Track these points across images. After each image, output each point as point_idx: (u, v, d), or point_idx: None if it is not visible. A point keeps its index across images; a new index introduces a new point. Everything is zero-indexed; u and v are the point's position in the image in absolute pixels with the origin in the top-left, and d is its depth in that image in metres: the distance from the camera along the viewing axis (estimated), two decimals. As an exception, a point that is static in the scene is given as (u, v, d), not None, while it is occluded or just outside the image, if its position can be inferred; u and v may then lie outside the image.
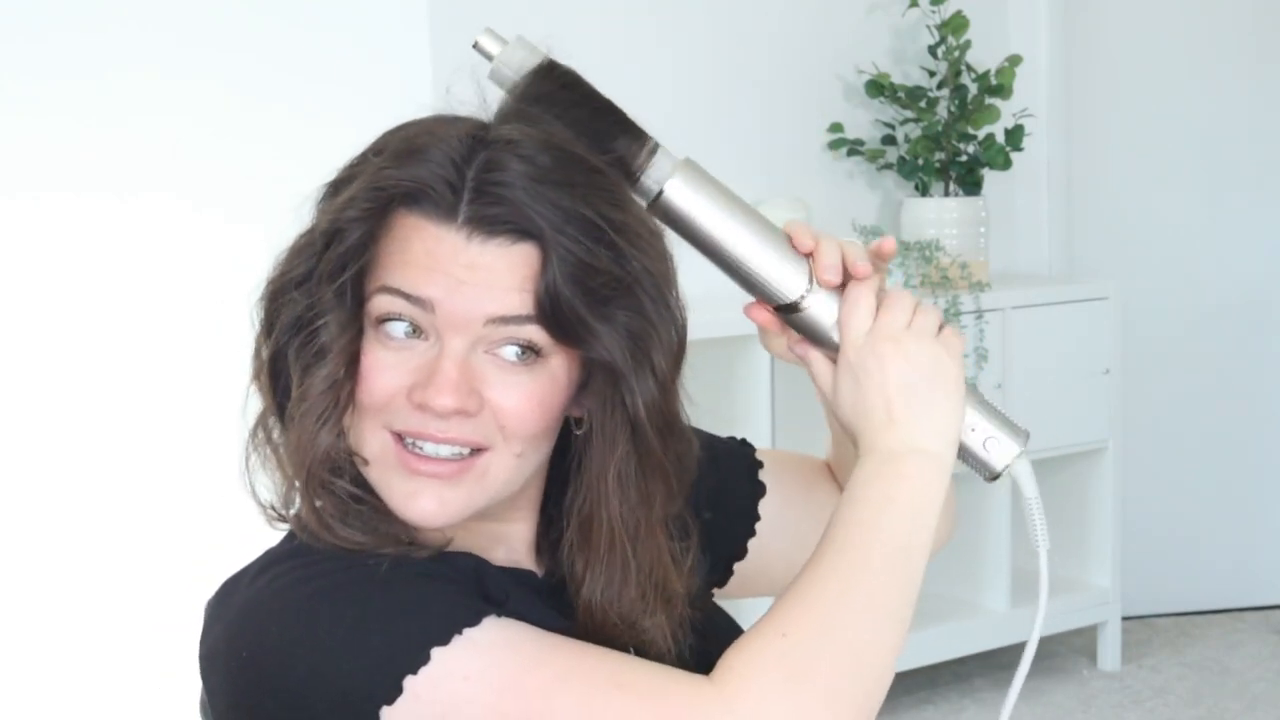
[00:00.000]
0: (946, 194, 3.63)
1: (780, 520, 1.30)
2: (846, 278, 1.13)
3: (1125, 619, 3.84)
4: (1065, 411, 3.57)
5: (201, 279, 2.90)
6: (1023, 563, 3.67)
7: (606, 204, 1.04)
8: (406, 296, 1.03)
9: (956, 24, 3.58)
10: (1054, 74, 3.91)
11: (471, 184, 1.02)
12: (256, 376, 1.10)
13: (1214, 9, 4.03)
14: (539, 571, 1.15)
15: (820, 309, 1.12)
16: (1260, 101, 4.06)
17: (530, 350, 1.04)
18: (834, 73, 3.67)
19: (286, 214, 1.09)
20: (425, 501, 1.05)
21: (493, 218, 1.02)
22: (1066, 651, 3.78)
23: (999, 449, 1.14)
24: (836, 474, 1.32)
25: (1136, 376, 3.88)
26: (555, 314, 1.03)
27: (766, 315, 1.14)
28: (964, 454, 1.14)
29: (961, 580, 3.57)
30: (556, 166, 1.03)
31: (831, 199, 3.66)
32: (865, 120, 3.70)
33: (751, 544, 1.29)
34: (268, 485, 1.10)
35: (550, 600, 1.12)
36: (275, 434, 1.09)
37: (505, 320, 1.03)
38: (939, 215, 3.55)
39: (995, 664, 3.66)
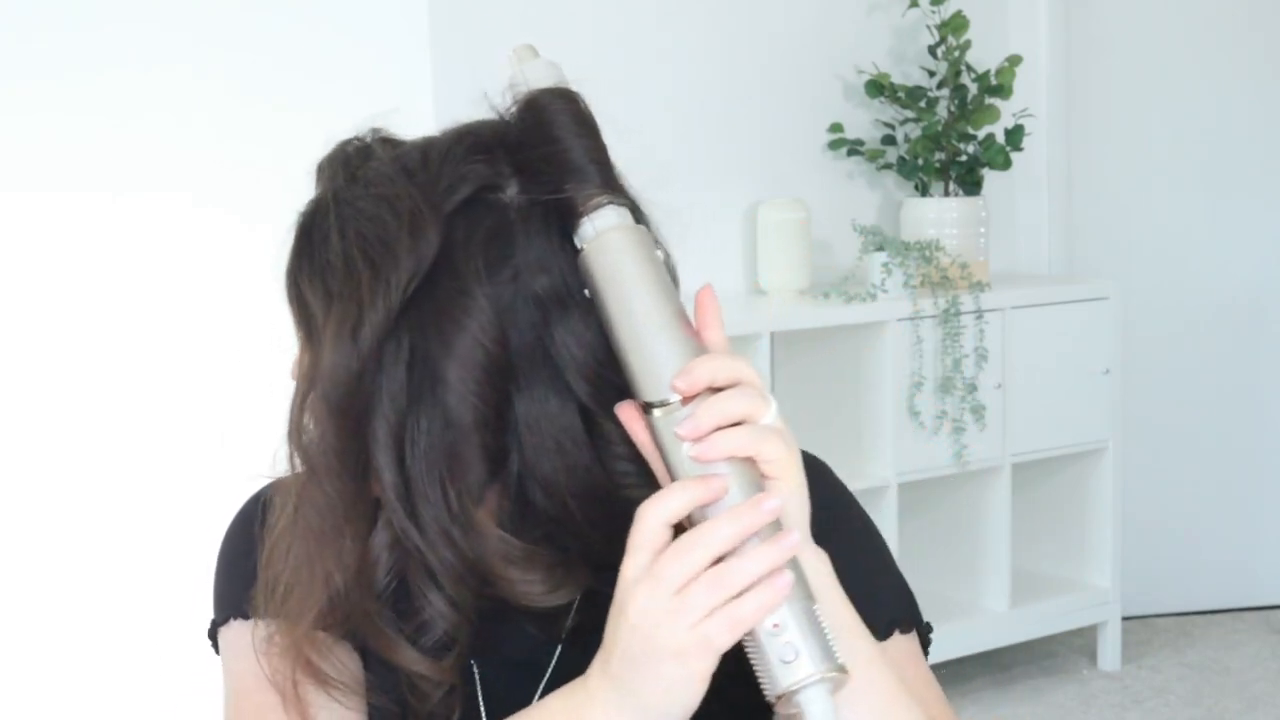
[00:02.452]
0: (946, 194, 3.63)
1: None
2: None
3: (1125, 619, 3.84)
4: (1065, 411, 3.57)
5: (200, 278, 2.90)
6: (1022, 563, 3.67)
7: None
8: None
9: (956, 24, 3.59)
10: (1054, 74, 3.91)
11: None
12: None
13: (1214, 9, 4.03)
14: None
15: (667, 427, 0.95)
16: (1261, 101, 4.06)
17: None
18: (834, 73, 3.67)
19: (286, 213, 1.08)
20: None
21: None
22: (1066, 651, 3.78)
23: (795, 666, 0.90)
24: None
25: (1136, 376, 3.88)
26: None
27: (633, 411, 0.97)
28: (756, 656, 0.91)
29: (961, 580, 3.57)
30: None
31: (831, 199, 3.66)
32: (865, 120, 3.70)
33: None
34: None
35: None
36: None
37: None
38: (939, 215, 3.55)
39: (994, 664, 3.66)
